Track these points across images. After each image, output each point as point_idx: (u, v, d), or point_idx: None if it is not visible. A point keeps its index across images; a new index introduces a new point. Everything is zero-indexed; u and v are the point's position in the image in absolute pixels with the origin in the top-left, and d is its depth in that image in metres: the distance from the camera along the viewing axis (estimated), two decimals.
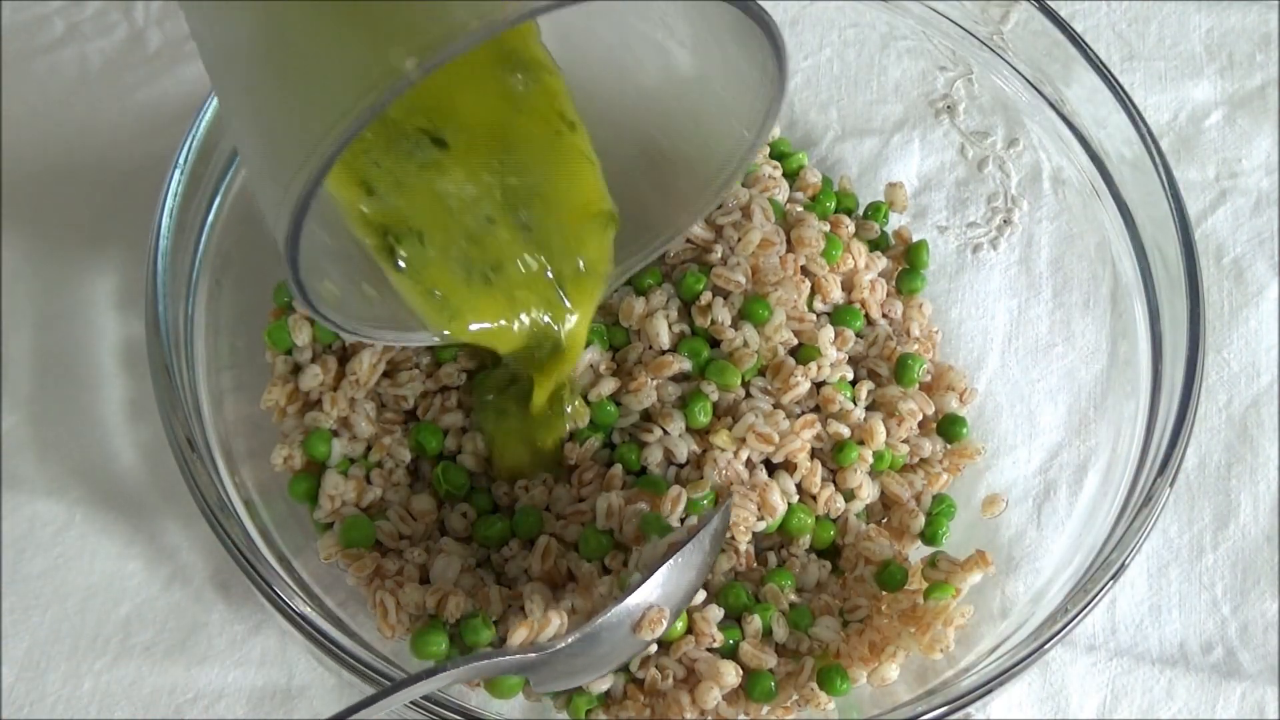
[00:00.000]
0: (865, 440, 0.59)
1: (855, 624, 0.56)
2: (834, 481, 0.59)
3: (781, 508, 0.57)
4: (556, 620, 0.49)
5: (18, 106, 0.72)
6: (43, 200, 0.70)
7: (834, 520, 0.60)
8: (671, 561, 0.49)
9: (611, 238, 0.54)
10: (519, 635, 0.49)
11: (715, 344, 0.60)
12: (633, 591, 0.48)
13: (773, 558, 0.59)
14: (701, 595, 0.55)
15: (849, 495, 0.59)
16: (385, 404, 0.60)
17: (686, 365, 0.58)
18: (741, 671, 0.54)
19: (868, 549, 0.58)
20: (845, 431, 0.59)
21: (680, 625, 0.54)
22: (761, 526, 0.57)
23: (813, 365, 0.59)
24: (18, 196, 0.70)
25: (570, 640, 0.48)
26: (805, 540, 0.59)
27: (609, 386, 0.58)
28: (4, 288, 0.67)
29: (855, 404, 0.60)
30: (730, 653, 0.55)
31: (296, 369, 0.60)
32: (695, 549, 0.51)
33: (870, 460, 0.59)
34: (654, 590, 0.49)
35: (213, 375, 0.59)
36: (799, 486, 0.58)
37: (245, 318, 0.62)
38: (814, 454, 0.59)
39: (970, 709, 0.51)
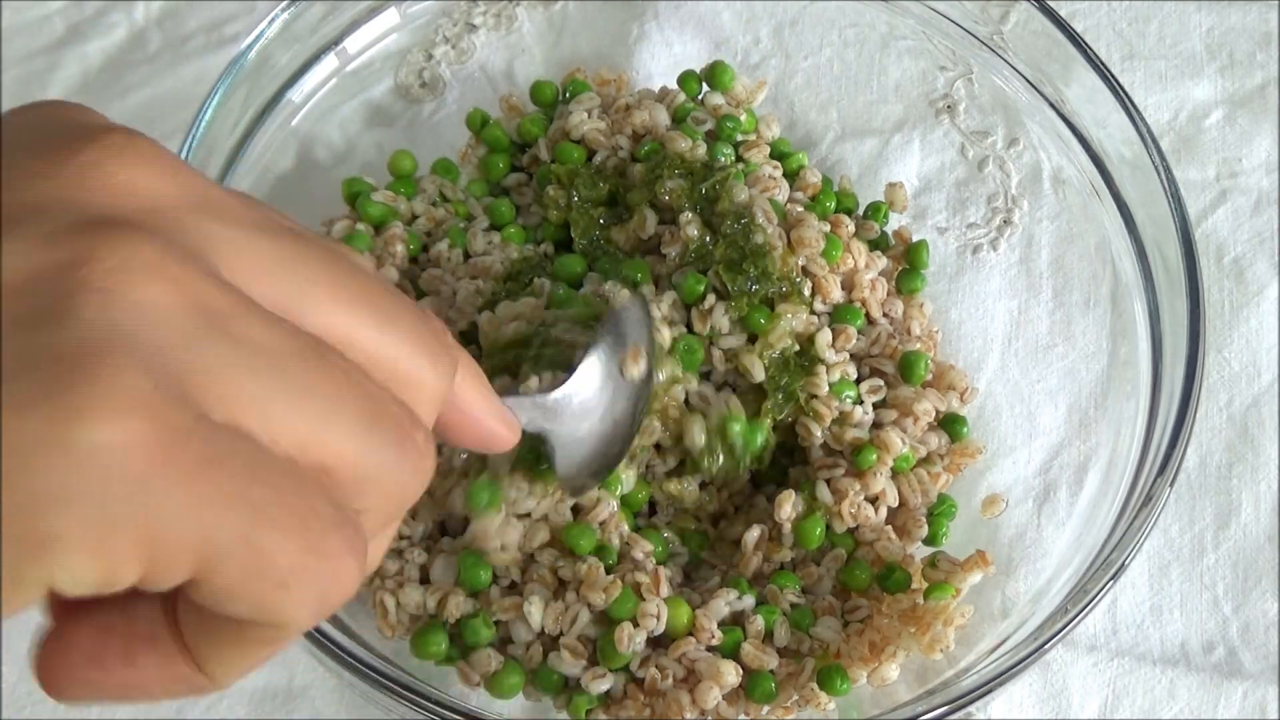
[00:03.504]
0: (882, 450, 0.59)
1: (855, 624, 0.56)
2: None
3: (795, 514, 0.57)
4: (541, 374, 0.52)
5: None
6: None
7: (854, 531, 0.59)
8: (614, 315, 0.53)
9: None
10: (531, 382, 0.51)
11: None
12: (598, 335, 0.52)
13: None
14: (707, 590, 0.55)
15: (872, 500, 0.59)
16: None
17: (692, 380, 0.58)
18: (742, 671, 0.54)
19: (885, 549, 0.58)
20: (861, 435, 0.59)
21: (686, 617, 0.54)
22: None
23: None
24: None
25: (573, 379, 0.50)
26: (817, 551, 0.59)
27: None
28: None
29: (861, 401, 0.60)
30: (731, 653, 0.55)
31: None
32: (630, 310, 0.54)
33: (890, 464, 0.59)
34: (616, 338, 0.52)
35: None
36: (829, 484, 0.58)
37: None
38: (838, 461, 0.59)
39: (970, 709, 0.51)
